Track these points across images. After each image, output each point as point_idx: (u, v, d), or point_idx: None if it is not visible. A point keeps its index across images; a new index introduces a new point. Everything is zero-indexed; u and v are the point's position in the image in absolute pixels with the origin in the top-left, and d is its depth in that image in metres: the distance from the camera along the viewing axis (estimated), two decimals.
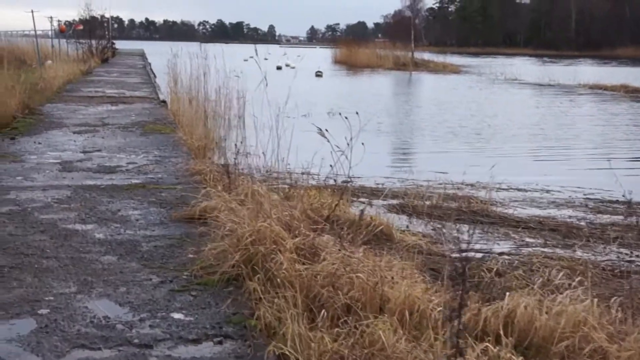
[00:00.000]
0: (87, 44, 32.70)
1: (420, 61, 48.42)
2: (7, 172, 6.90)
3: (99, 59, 31.49)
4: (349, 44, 51.35)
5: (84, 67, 24.77)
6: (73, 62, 24.60)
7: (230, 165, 6.30)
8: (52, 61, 23.92)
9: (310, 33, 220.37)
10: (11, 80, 11.70)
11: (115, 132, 9.84)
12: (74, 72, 21.21)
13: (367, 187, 8.79)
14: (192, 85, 14.42)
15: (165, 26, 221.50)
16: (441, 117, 18.72)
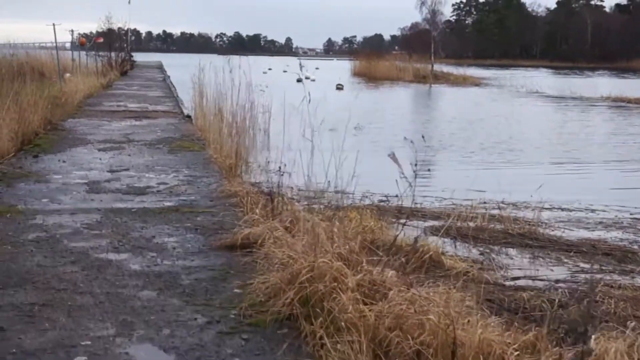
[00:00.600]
0: (106, 56, 32.64)
1: (440, 73, 48.00)
2: (32, 193, 6.55)
3: (118, 72, 31.36)
4: (369, 56, 51.04)
5: (104, 80, 24.61)
6: (93, 75, 24.41)
7: (273, 188, 5.89)
8: (70, 74, 23.74)
9: (327, 45, 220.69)
10: (33, 94, 11.41)
11: (142, 149, 9.50)
12: (94, 85, 21.01)
13: (406, 207, 8.36)
14: (217, 100, 14.12)
15: (182, 38, 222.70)
16: (470, 132, 18.27)
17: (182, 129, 11.91)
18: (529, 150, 15.17)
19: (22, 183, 7.00)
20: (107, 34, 34.80)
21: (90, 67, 28.95)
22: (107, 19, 34.26)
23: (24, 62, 23.84)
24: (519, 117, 22.98)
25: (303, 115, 12.84)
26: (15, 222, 5.49)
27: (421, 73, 46.42)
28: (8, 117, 9.57)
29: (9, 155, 8.69)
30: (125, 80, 28.21)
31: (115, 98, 18.33)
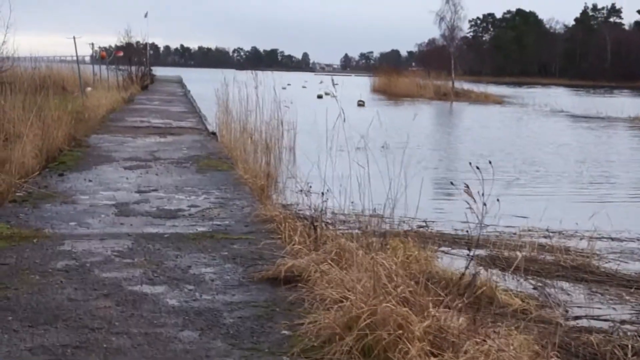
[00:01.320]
0: (127, 70, 32.59)
1: (461, 91, 47.60)
2: (59, 215, 6.25)
3: (139, 86, 31.29)
4: (389, 73, 50.74)
5: (126, 94, 24.47)
6: (114, 90, 24.27)
7: (316, 216, 5.54)
8: (92, 88, 23.61)
9: (344, 61, 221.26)
10: (57, 109, 11.17)
11: (169, 168, 9.19)
12: (116, 99, 20.84)
13: (447, 234, 7.99)
14: (243, 116, 13.84)
15: (200, 53, 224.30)
16: (503, 154, 17.76)
17: (208, 147, 11.62)
18: (569, 174, 14.67)
19: (48, 204, 6.70)
20: (127, 48, 34.79)
21: (111, 81, 28.87)
22: (127, 32, 34.27)
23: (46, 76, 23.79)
24: (551, 138, 22.40)
25: (328, 133, 12.52)
26: (42, 248, 5.17)
27: (442, 90, 46.00)
28: (32, 133, 9.32)
29: (34, 174, 8.42)
30: (147, 95, 28.08)
31: (138, 113, 18.11)
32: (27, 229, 5.70)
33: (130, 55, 33.52)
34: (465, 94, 46.82)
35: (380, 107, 37.04)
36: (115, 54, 31.04)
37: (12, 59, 13.49)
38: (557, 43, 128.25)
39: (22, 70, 17.30)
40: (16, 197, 7.00)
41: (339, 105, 7.80)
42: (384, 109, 35.46)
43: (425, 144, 19.67)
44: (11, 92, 10.66)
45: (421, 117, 30.83)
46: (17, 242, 5.32)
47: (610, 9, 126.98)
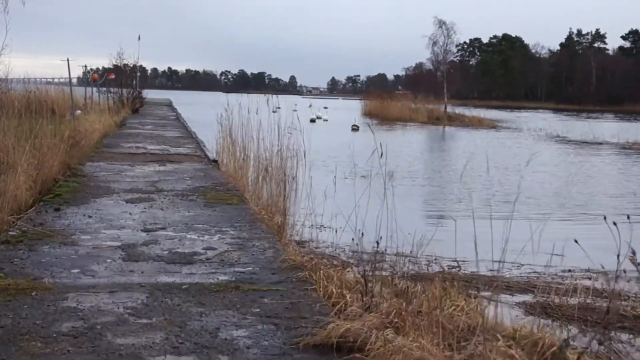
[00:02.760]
0: (117, 93, 31.85)
1: (454, 115, 47.22)
2: (59, 260, 5.48)
3: (129, 110, 30.54)
4: (380, 96, 50.32)
5: (118, 118, 23.72)
6: (105, 113, 23.48)
7: (366, 268, 4.83)
8: (81, 111, 22.81)
9: (330, 84, 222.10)
10: (52, 136, 10.42)
11: (174, 201, 8.44)
12: (109, 124, 20.08)
13: (481, 275, 7.29)
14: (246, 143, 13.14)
15: (187, 75, 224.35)
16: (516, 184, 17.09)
17: (211, 176, 10.88)
18: (594, 204, 14.00)
19: (45, 246, 5.94)
20: (119, 71, 34.06)
21: (102, 104, 28.11)
22: (119, 54, 33.53)
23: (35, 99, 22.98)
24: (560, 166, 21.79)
25: (330, 159, 11.80)
26: (43, 304, 4.41)
27: (434, 114, 45.59)
28: (26, 162, 8.56)
29: (28, 209, 7.66)
30: (138, 119, 27.33)
31: (133, 138, 17.36)
32: (24, 279, 4.93)
33: (122, 77, 32.78)
34: (458, 118, 46.47)
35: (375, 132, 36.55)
36: (107, 76, 30.29)
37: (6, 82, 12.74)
38: (543, 67, 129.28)
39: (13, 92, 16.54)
40: (9, 237, 6.23)
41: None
42: (378, 134, 34.95)
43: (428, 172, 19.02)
44: (3, 116, 9.92)
45: (420, 143, 30.31)
46: (13, 296, 4.56)
47: (594, 35, 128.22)
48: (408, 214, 12.54)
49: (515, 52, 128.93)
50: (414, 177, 17.88)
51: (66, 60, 20.49)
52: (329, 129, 21.57)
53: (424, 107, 47.35)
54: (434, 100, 52.71)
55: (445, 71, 55.37)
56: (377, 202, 11.40)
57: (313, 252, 7.78)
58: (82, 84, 30.13)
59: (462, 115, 48.10)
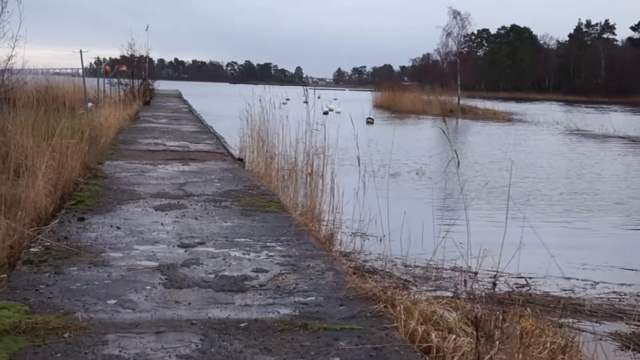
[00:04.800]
0: (129, 85, 31.10)
1: (467, 107, 46.29)
2: (91, 287, 4.71)
3: (141, 102, 29.74)
4: (392, 88, 49.40)
5: (131, 111, 22.93)
6: (118, 106, 22.67)
7: (481, 309, 4.05)
8: (93, 104, 22.02)
9: (337, 75, 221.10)
10: (73, 133, 9.65)
11: (207, 208, 7.67)
12: (123, 117, 19.30)
13: (555, 297, 6.50)
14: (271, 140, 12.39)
15: (194, 66, 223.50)
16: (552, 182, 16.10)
17: (240, 177, 10.10)
18: None
19: (73, 267, 5.17)
20: (129, 62, 33.25)
21: (114, 96, 27.34)
22: (130, 46, 32.68)
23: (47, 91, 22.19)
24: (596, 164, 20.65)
25: (350, 156, 11.00)
26: (80, 350, 3.64)
27: (447, 106, 44.67)
28: (43, 164, 7.79)
29: (49, 218, 6.90)
30: (151, 111, 26.58)
31: (149, 133, 16.59)
32: (53, 314, 4.17)
33: (133, 69, 31.98)
34: (472, 110, 45.55)
35: (390, 125, 35.69)
36: (119, 68, 29.47)
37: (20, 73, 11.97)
38: (551, 59, 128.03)
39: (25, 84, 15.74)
40: (31, 255, 5.46)
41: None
42: (394, 127, 34.03)
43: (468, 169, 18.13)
44: (20, 113, 9.16)
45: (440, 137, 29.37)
46: (43, 339, 3.79)
47: (603, 25, 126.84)
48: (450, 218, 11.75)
49: (523, 43, 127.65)
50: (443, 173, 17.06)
51: (79, 52, 19.66)
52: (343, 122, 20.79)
53: (437, 100, 46.40)
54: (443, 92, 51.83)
55: (458, 62, 54.28)
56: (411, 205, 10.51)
57: (364, 267, 7.04)
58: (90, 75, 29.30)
59: (475, 107, 47.14)
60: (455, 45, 55.81)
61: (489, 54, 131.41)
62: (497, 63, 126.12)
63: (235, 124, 17.80)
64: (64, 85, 28.66)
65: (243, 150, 13.48)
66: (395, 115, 42.54)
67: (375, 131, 28.99)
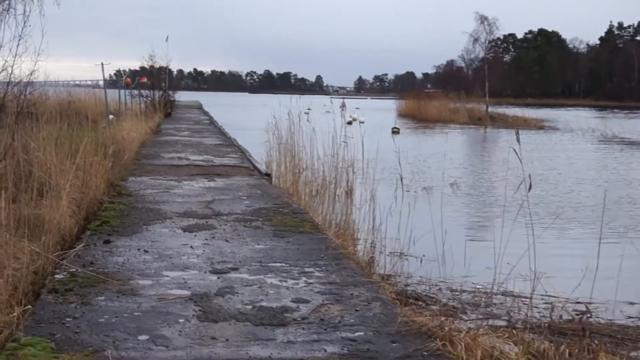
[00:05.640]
0: (149, 97, 31.13)
1: (496, 115, 45.78)
2: (121, 320, 4.47)
3: (162, 114, 29.73)
4: (418, 96, 49.06)
5: (152, 124, 22.88)
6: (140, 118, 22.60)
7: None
8: (114, 116, 21.97)
9: (357, 83, 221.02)
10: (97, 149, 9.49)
11: (237, 228, 7.43)
12: (145, 131, 19.21)
13: (621, 325, 6.14)
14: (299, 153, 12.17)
15: (213, 76, 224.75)
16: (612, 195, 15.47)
17: (269, 194, 9.86)
18: None
19: (101, 296, 4.94)
20: (149, 73, 33.31)
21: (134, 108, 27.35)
22: (151, 57, 32.71)
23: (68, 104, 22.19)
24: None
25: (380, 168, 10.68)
26: None
27: (475, 114, 44.20)
28: (67, 182, 7.61)
29: (72, 240, 6.72)
30: (172, 123, 26.53)
31: (172, 147, 16.46)
32: (81, 351, 3.94)
33: (154, 81, 32.02)
34: (501, 118, 45.03)
35: (416, 134, 35.33)
36: (139, 79, 29.51)
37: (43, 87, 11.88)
38: (581, 63, 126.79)
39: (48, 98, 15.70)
40: (56, 283, 5.25)
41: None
42: (421, 137, 33.66)
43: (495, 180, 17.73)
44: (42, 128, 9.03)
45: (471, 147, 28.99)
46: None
47: (637, 27, 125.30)
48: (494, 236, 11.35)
49: (552, 48, 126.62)
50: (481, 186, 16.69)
51: (100, 65, 19.65)
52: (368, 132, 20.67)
53: (465, 107, 45.95)
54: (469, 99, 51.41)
55: (486, 69, 53.79)
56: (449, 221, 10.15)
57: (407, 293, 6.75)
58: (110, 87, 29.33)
59: (504, 115, 46.61)
60: (483, 51, 55.25)
61: (516, 60, 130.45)
62: (525, 68, 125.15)
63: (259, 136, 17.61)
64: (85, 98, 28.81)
65: (269, 164, 13.26)
66: (421, 124, 42.18)
67: (402, 141, 28.59)
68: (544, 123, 43.25)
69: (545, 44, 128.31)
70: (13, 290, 5.02)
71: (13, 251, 5.54)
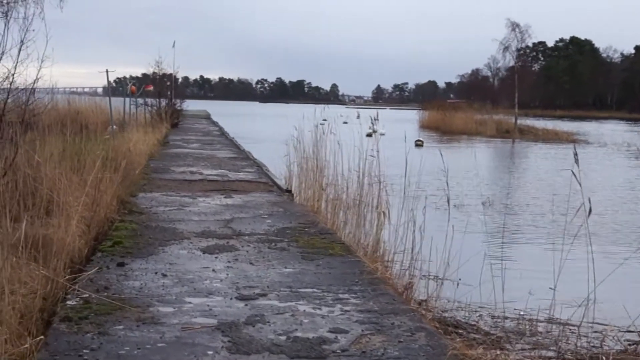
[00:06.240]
0: (155, 106, 31.20)
1: (525, 127, 45.57)
2: (143, 353, 4.34)
3: (168, 124, 29.74)
4: (442, 107, 48.95)
5: (159, 135, 22.88)
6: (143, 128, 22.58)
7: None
8: (116, 127, 21.97)
9: (376, 92, 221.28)
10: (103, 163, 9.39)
11: (262, 250, 7.30)
12: (152, 142, 19.19)
13: None
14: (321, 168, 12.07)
15: (220, 84, 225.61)
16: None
17: (293, 212, 9.74)
18: None
19: (119, 325, 4.81)
20: (154, 81, 33.39)
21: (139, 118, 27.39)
22: (157, 64, 32.79)
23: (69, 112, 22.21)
24: None
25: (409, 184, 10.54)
26: None
27: (503, 126, 44.01)
28: (75, 199, 7.52)
29: (82, 261, 6.61)
30: (180, 135, 26.54)
31: (182, 160, 16.40)
32: None
33: (160, 88, 32.09)
34: (530, 130, 44.84)
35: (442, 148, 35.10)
36: (145, 87, 29.55)
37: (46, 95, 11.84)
38: (615, 73, 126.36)
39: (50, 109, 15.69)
40: (69, 310, 5.13)
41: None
42: (447, 151, 33.45)
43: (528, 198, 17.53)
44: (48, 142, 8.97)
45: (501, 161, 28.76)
46: None
47: None
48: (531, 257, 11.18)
49: (583, 57, 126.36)
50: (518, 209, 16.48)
51: (105, 72, 19.67)
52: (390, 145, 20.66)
53: (492, 119, 45.78)
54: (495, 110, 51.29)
55: (516, 78, 53.63)
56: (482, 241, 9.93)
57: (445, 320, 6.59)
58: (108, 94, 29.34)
59: (533, 127, 46.41)
60: (513, 60, 55.14)
61: (546, 69, 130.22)
62: (555, 78, 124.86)
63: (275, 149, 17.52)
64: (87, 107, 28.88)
65: (289, 179, 13.17)
66: (445, 136, 42.04)
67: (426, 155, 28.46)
68: (575, 136, 43.00)
69: (577, 52, 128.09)
70: (21, 318, 4.91)
71: (20, 275, 5.44)
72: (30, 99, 10.95)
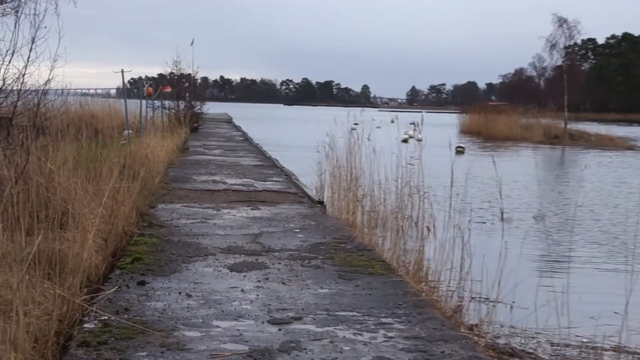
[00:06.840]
0: (173, 109, 31.33)
1: (575, 132, 45.09)
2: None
3: (187, 128, 29.81)
4: (484, 110, 48.63)
5: (178, 140, 22.94)
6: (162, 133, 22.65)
7: None
8: (132, 131, 22.06)
9: (410, 94, 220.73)
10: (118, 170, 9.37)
11: (294, 268, 7.21)
12: (171, 148, 19.23)
13: None
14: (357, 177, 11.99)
15: (242, 85, 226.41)
16: None
17: (326, 226, 9.64)
18: None
19: (141, 351, 4.75)
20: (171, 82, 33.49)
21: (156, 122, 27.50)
22: (175, 63, 32.84)
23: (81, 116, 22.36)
24: None
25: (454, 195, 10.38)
26: None
27: (552, 132, 43.58)
28: (91, 211, 7.49)
29: (100, 279, 6.57)
30: (201, 140, 26.61)
31: (204, 168, 16.41)
32: None
33: (179, 90, 32.21)
34: (581, 136, 44.36)
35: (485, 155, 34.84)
36: (162, 89, 29.67)
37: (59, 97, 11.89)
38: None
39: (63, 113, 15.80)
40: (86, 333, 5.07)
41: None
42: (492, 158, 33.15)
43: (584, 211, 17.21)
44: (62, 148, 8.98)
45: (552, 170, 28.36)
46: None
47: None
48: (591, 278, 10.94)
49: (638, 55, 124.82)
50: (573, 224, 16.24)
51: (120, 72, 19.77)
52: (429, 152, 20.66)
53: (538, 123, 45.37)
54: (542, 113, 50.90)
55: (565, 79, 53.12)
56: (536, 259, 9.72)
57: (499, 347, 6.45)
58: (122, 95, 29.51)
59: (585, 132, 45.91)
60: (561, 58, 54.64)
61: (596, 68, 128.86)
62: (606, 79, 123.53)
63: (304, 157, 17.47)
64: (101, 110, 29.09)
65: (320, 189, 13.10)
66: (488, 142, 41.74)
67: (469, 163, 28.25)
68: (631, 142, 42.47)
69: (631, 50, 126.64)
70: (36, 343, 4.87)
71: (34, 295, 5.41)
72: (42, 101, 11.00)
